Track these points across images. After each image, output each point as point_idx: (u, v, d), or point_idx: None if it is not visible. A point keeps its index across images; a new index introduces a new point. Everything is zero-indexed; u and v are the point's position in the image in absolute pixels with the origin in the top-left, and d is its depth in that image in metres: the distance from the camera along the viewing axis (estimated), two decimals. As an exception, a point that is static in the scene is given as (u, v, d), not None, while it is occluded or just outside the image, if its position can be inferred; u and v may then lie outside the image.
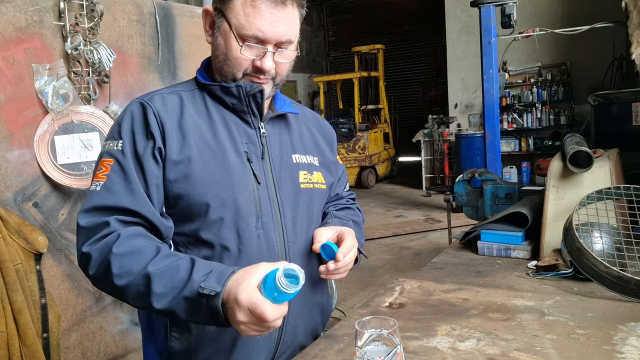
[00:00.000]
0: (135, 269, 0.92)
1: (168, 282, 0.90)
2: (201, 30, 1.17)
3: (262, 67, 1.05)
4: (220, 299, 0.86)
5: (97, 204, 0.99)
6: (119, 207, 0.99)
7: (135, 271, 0.92)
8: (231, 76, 1.08)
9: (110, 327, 2.35)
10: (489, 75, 4.43)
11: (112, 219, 0.97)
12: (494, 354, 1.02)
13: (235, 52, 1.05)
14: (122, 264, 0.93)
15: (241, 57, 1.05)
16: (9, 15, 1.99)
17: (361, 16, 13.23)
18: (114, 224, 0.97)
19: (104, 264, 0.94)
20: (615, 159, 1.73)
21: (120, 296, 0.96)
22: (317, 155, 1.24)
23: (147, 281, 0.91)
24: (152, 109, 1.05)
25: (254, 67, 1.06)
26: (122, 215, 0.98)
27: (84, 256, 0.98)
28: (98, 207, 0.99)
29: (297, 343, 1.15)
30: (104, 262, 0.94)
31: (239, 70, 1.07)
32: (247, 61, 1.05)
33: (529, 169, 8.04)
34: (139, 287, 0.92)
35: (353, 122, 10.04)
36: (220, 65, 1.09)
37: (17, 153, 2.03)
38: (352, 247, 1.10)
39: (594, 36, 5.84)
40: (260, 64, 1.05)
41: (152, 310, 0.93)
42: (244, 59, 1.05)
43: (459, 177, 2.29)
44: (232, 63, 1.06)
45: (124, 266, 0.93)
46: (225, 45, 1.06)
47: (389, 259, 5.34)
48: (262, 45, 1.03)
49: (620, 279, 1.27)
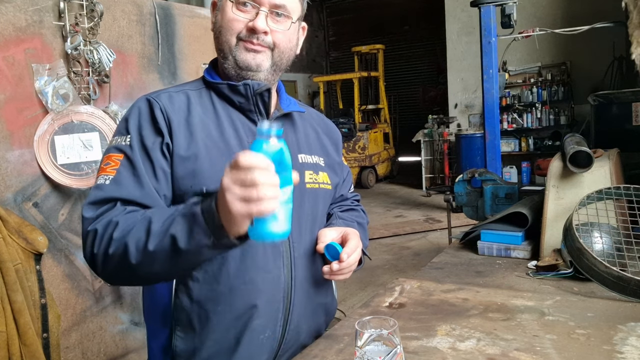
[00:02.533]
0: (137, 220, 0.91)
1: (169, 216, 0.89)
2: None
3: (254, 26, 1.04)
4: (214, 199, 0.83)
5: (105, 196, 0.98)
6: (128, 199, 0.98)
7: (136, 222, 0.91)
8: (227, 45, 1.07)
9: (110, 327, 2.35)
10: (489, 75, 4.43)
11: (119, 204, 0.98)
12: (494, 354, 1.02)
13: (228, 14, 1.05)
14: (126, 223, 0.92)
15: (234, 17, 1.05)
16: (9, 15, 1.99)
17: (361, 16, 13.23)
18: (120, 206, 0.97)
19: (109, 232, 0.92)
20: (615, 159, 1.73)
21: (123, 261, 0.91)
22: (323, 155, 1.24)
23: (147, 223, 0.89)
24: (159, 105, 1.05)
25: (248, 29, 1.05)
26: (129, 206, 0.98)
27: (89, 235, 0.95)
28: (106, 199, 0.98)
29: (300, 343, 1.15)
30: (107, 229, 0.93)
31: (232, 34, 1.06)
32: (240, 22, 1.05)
33: (529, 169, 8.04)
34: (139, 234, 0.89)
35: (353, 122, 10.04)
36: (217, 39, 1.09)
37: (17, 153, 2.03)
38: (356, 248, 1.10)
39: (594, 36, 5.84)
40: (252, 23, 1.04)
41: (153, 254, 0.88)
42: (237, 19, 1.05)
43: (459, 177, 2.29)
44: (225, 29, 1.06)
45: (127, 227, 0.91)
46: (221, 14, 1.07)
47: (389, 259, 5.34)
48: (256, 4, 1.04)
49: (620, 279, 1.27)
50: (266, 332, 1.08)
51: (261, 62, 1.07)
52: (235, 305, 1.05)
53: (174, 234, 0.86)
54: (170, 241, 0.87)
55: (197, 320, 1.05)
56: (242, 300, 1.05)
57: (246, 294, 1.05)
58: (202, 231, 0.84)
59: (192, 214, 0.86)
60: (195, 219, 0.85)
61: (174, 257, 0.88)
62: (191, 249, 0.86)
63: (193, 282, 1.04)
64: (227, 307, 1.05)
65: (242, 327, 1.05)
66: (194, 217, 0.85)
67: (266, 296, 1.07)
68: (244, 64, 1.07)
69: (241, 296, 1.05)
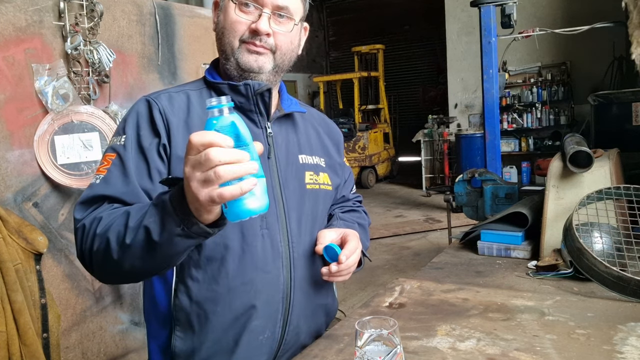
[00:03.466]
0: (118, 215, 0.92)
1: (143, 208, 0.88)
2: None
3: (257, 28, 1.04)
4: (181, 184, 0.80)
5: (93, 194, 1.00)
6: (115, 197, 0.99)
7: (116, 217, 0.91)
8: (229, 46, 1.07)
9: (110, 327, 2.35)
10: (489, 75, 4.43)
11: (105, 202, 0.98)
12: (494, 354, 1.02)
13: (231, 15, 1.05)
14: (107, 219, 0.92)
15: (237, 19, 1.05)
16: (9, 15, 1.99)
17: (361, 16, 13.23)
18: (106, 205, 0.98)
19: (93, 227, 0.93)
20: (615, 159, 1.73)
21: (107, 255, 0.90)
22: (324, 156, 1.24)
23: (125, 218, 0.89)
24: (158, 107, 1.05)
25: (251, 31, 1.05)
26: (116, 204, 0.99)
27: (78, 231, 0.96)
28: (94, 197, 0.99)
29: (300, 344, 1.15)
30: (92, 224, 0.94)
31: (235, 36, 1.06)
32: (242, 24, 1.05)
33: (529, 169, 8.04)
34: (119, 228, 0.88)
35: (353, 122, 10.04)
36: (220, 40, 1.09)
37: (17, 153, 2.03)
38: (356, 249, 1.10)
39: (594, 36, 5.84)
40: (255, 25, 1.04)
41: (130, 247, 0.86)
42: (239, 21, 1.05)
43: (459, 177, 2.29)
44: (228, 31, 1.06)
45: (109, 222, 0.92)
46: (224, 15, 1.07)
47: (389, 259, 5.34)
48: (258, 5, 1.04)
49: (620, 279, 1.27)
50: (265, 333, 1.08)
51: (263, 64, 1.07)
52: (234, 305, 1.05)
53: (147, 225, 0.84)
54: (144, 233, 0.85)
55: (197, 320, 1.05)
56: (241, 300, 1.05)
57: (245, 295, 1.05)
58: (172, 220, 0.81)
59: (162, 202, 0.84)
60: (165, 208, 0.83)
61: (150, 250, 0.86)
62: (164, 240, 0.83)
63: (192, 282, 1.04)
64: (226, 308, 1.05)
65: (241, 328, 1.05)
66: (163, 206, 0.83)
67: (265, 297, 1.07)
68: (246, 65, 1.07)
69: (240, 297, 1.05)
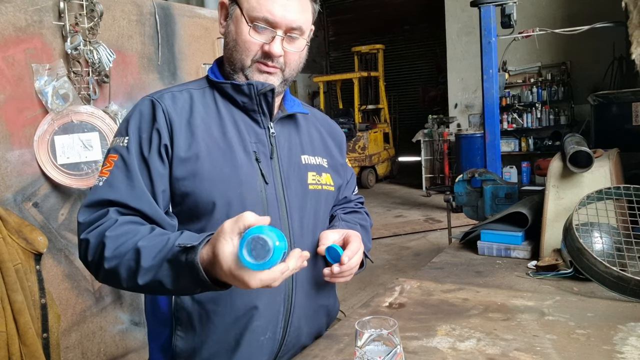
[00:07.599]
0: (128, 247, 0.92)
1: (157, 254, 0.90)
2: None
3: (270, 51, 1.04)
4: (198, 253, 0.84)
5: (98, 198, 1.00)
6: (119, 202, 0.99)
7: (127, 249, 0.92)
8: (240, 63, 1.07)
9: (110, 327, 2.35)
10: (489, 75, 4.43)
11: (112, 210, 0.98)
12: (494, 354, 1.02)
13: (244, 35, 1.05)
14: (115, 244, 0.93)
15: (250, 40, 1.05)
16: (9, 15, 1.99)
17: (361, 16, 13.22)
18: (112, 214, 0.98)
19: (100, 248, 0.94)
20: (615, 159, 1.73)
21: (116, 280, 0.95)
22: (326, 156, 1.24)
23: (137, 255, 0.90)
24: (161, 107, 1.05)
25: (263, 52, 1.05)
26: (122, 209, 0.99)
27: (82, 243, 0.97)
28: (99, 201, 0.99)
29: (300, 344, 1.15)
30: (99, 245, 0.94)
31: (247, 55, 1.06)
32: (255, 45, 1.05)
33: (529, 169, 8.04)
34: (130, 263, 0.91)
35: (353, 122, 10.04)
36: (230, 53, 1.09)
37: (17, 153, 2.03)
38: (358, 250, 1.10)
39: (594, 36, 5.84)
40: (268, 48, 1.04)
41: (143, 287, 0.92)
42: (253, 42, 1.05)
43: (459, 177, 2.29)
44: (241, 48, 1.06)
45: (118, 247, 0.92)
46: (236, 30, 1.06)
47: (389, 259, 5.34)
48: (271, 28, 1.04)
49: (620, 279, 1.27)
50: (266, 334, 1.08)
51: (273, 82, 1.08)
52: (235, 306, 1.05)
53: (161, 280, 0.90)
54: (157, 283, 0.91)
55: (198, 320, 1.05)
56: (242, 301, 1.05)
57: (246, 295, 1.05)
58: (189, 283, 0.88)
59: (177, 262, 0.88)
60: (181, 270, 0.87)
61: (162, 292, 0.96)
62: (178, 290, 0.93)
63: None
64: (227, 308, 1.05)
65: (242, 328, 1.06)
66: (180, 267, 0.87)
67: (267, 297, 1.07)
68: (255, 83, 1.07)
69: (241, 297, 1.05)
